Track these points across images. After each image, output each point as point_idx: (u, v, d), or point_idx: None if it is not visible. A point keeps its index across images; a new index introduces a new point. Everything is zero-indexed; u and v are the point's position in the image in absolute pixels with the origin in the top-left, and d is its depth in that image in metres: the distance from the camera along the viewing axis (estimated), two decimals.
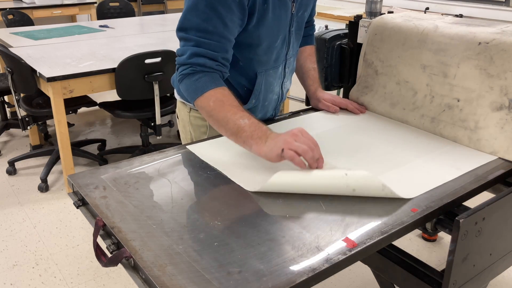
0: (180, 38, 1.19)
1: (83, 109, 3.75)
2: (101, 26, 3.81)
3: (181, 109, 1.43)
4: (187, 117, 1.41)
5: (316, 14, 1.59)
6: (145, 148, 3.12)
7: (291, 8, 1.30)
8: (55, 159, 3.03)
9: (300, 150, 1.05)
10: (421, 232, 2.38)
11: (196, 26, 1.13)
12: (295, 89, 1.96)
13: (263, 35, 1.25)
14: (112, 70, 2.61)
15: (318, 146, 1.09)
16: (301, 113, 1.54)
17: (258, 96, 1.35)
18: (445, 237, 2.40)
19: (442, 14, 3.61)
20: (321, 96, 1.54)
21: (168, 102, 2.93)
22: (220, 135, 1.31)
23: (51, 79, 2.44)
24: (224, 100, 1.15)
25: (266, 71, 1.33)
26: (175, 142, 3.57)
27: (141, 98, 2.77)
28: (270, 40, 1.27)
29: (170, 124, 2.94)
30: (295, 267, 0.83)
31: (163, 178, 1.14)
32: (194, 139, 1.43)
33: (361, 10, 3.82)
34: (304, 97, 1.65)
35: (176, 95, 1.45)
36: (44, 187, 2.88)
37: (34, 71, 2.58)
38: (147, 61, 2.62)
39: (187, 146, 1.29)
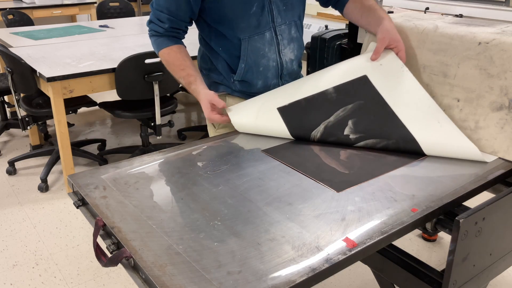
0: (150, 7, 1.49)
1: (83, 109, 3.75)
2: (101, 26, 3.81)
3: None
4: None
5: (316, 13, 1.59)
6: (145, 148, 3.12)
7: None
8: (55, 159, 3.03)
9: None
10: (421, 232, 2.38)
11: (155, 1, 1.44)
12: None
13: (231, 5, 1.39)
14: (112, 70, 2.61)
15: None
16: None
17: (246, 60, 1.46)
18: (445, 237, 2.40)
19: (442, 14, 3.61)
20: (379, 30, 1.43)
21: (168, 102, 2.93)
22: None
23: (51, 79, 2.44)
24: (169, 61, 1.48)
25: (250, 37, 1.44)
26: (175, 142, 3.57)
27: (141, 98, 2.77)
28: (242, 7, 1.40)
29: (170, 124, 2.94)
30: (295, 267, 0.83)
31: (163, 178, 1.14)
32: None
33: None
34: None
35: None
36: (44, 187, 2.88)
37: (34, 71, 2.58)
38: (147, 61, 2.61)
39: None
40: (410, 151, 1.24)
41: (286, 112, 1.35)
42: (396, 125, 1.25)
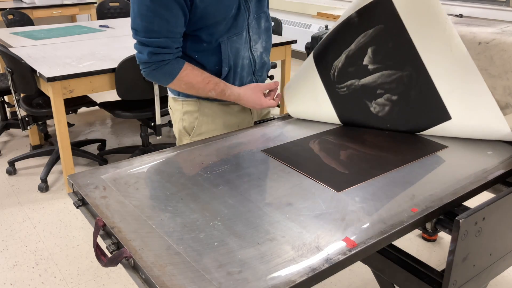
0: (134, 38, 1.36)
1: (83, 109, 3.75)
2: (101, 26, 3.81)
3: (173, 102, 1.61)
4: (181, 106, 1.57)
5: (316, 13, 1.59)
6: (145, 148, 3.12)
7: None
8: (55, 159, 3.03)
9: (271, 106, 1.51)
10: (421, 232, 2.38)
11: (143, 29, 1.30)
12: None
13: (213, 12, 1.34)
14: (112, 70, 2.62)
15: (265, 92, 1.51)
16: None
17: (229, 62, 1.44)
18: (445, 237, 2.40)
19: None
20: None
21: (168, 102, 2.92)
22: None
23: (51, 79, 2.44)
24: (192, 82, 1.41)
25: (228, 38, 1.41)
26: (175, 142, 3.57)
27: (141, 98, 2.77)
28: (223, 13, 1.36)
29: (170, 124, 2.94)
30: (295, 267, 0.83)
31: (163, 178, 1.14)
32: (187, 124, 1.57)
33: None
34: None
35: (169, 92, 1.60)
36: (44, 187, 2.88)
37: (34, 71, 2.58)
38: None
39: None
40: (422, 86, 1.26)
41: (317, 51, 1.38)
42: (411, 54, 1.25)
